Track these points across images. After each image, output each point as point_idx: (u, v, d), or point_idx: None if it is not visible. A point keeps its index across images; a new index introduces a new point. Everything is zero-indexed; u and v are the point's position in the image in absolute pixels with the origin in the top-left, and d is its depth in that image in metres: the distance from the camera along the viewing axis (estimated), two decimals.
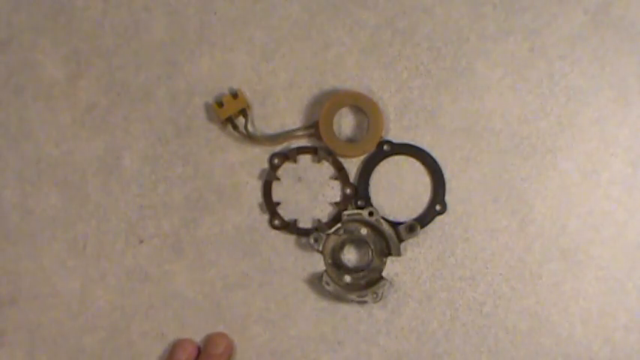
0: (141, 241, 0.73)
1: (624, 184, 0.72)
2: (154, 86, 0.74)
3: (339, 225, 0.72)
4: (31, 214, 0.74)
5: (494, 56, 0.73)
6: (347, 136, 0.74)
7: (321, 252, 0.72)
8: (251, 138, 0.73)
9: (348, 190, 0.73)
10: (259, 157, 0.73)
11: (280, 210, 0.73)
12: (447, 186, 0.72)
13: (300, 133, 0.73)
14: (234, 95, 0.72)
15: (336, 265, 0.72)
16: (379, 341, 0.72)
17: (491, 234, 0.72)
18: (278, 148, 0.73)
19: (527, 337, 0.71)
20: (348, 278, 0.72)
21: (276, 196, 0.73)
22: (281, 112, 0.74)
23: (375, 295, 0.71)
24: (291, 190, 0.73)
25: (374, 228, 0.72)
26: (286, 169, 0.73)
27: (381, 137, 0.73)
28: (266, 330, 0.72)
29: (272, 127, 0.74)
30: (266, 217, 0.73)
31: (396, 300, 0.72)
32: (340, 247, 0.72)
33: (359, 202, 0.73)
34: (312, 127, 0.73)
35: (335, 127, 0.73)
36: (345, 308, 0.72)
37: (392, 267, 0.72)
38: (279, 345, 0.72)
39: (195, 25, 0.75)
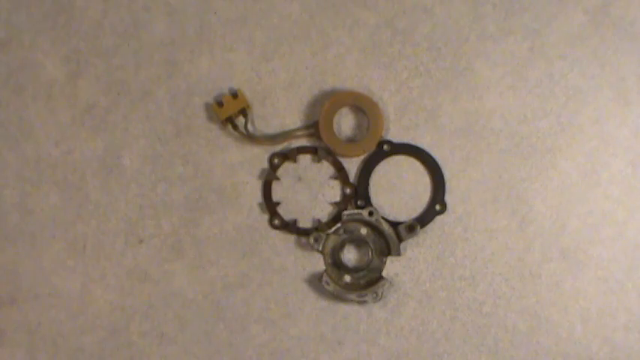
0: (141, 241, 0.73)
1: (624, 184, 0.72)
2: (154, 86, 0.74)
3: (339, 225, 0.72)
4: (31, 214, 0.74)
5: (494, 56, 0.73)
6: (347, 136, 0.74)
7: (321, 252, 0.72)
8: (251, 138, 0.73)
9: (348, 190, 0.73)
10: (259, 157, 0.73)
11: (280, 210, 0.73)
12: (447, 186, 0.72)
13: (300, 133, 0.73)
14: (234, 95, 0.72)
15: (336, 265, 0.72)
16: (379, 341, 0.72)
17: (491, 234, 0.72)
18: (278, 148, 0.73)
19: (527, 337, 0.71)
20: (348, 278, 0.72)
21: (276, 196, 0.73)
22: (281, 112, 0.74)
23: (375, 295, 0.71)
24: (291, 190, 0.73)
25: (374, 228, 0.72)
26: (286, 169, 0.73)
27: (381, 137, 0.73)
28: (266, 330, 0.72)
29: (272, 127, 0.74)
30: (266, 217, 0.73)
31: (396, 300, 0.72)
32: (340, 247, 0.72)
33: (359, 202, 0.73)
34: (312, 127, 0.73)
35: (335, 127, 0.73)
36: (345, 308, 0.72)
37: (392, 267, 0.72)
38: (279, 345, 0.72)
39: (195, 25, 0.75)
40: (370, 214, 0.71)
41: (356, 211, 0.72)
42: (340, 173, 0.73)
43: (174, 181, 0.74)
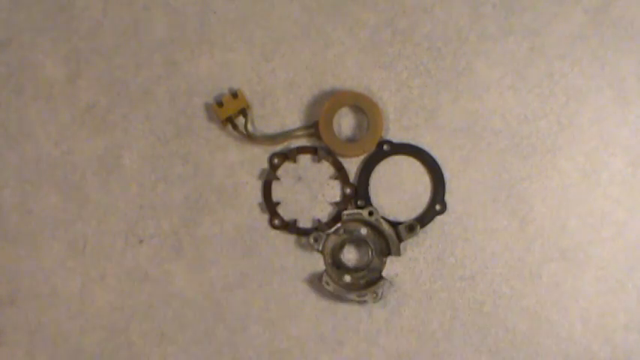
0: (141, 241, 0.73)
1: (624, 184, 0.72)
2: (154, 86, 0.74)
3: (339, 225, 0.72)
4: (31, 214, 0.74)
5: (494, 56, 0.73)
6: (347, 136, 0.74)
7: (321, 252, 0.72)
8: (251, 138, 0.73)
9: (348, 190, 0.73)
10: (259, 157, 0.73)
11: (280, 210, 0.73)
12: (447, 186, 0.72)
13: (300, 133, 0.73)
14: (234, 95, 0.72)
15: (336, 264, 0.72)
16: (379, 341, 0.72)
17: (491, 234, 0.72)
18: (278, 148, 0.73)
19: (527, 337, 0.71)
20: (348, 278, 0.72)
21: (276, 196, 0.73)
22: (281, 112, 0.74)
23: (375, 295, 0.70)
24: (291, 189, 0.73)
25: (374, 228, 0.72)
26: (286, 169, 0.73)
27: (381, 137, 0.73)
28: (266, 330, 0.72)
29: (272, 127, 0.74)
30: (266, 217, 0.73)
31: (396, 300, 0.72)
32: (340, 247, 0.72)
33: (359, 202, 0.73)
34: (312, 127, 0.73)
35: (335, 127, 0.73)
36: (345, 308, 0.72)
37: (392, 267, 0.72)
38: (279, 345, 0.72)
39: (195, 25, 0.75)
40: (370, 214, 0.71)
41: (356, 211, 0.72)
42: (340, 173, 0.73)
43: (174, 181, 0.74)
